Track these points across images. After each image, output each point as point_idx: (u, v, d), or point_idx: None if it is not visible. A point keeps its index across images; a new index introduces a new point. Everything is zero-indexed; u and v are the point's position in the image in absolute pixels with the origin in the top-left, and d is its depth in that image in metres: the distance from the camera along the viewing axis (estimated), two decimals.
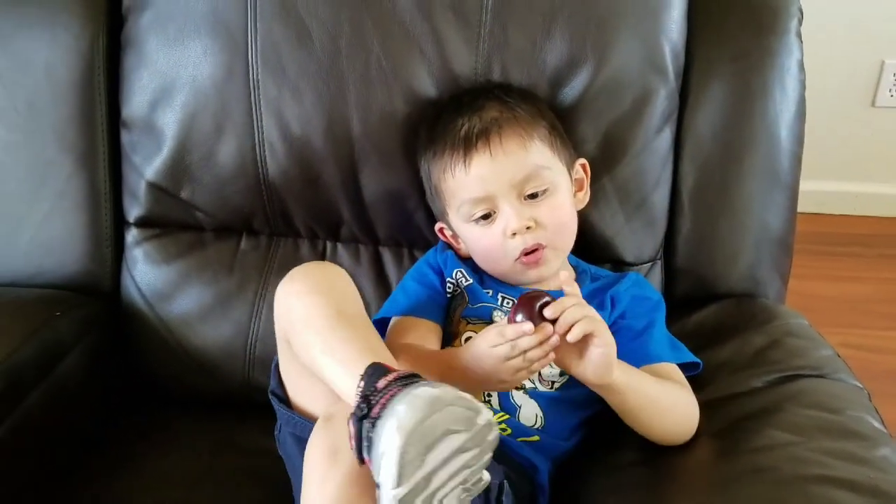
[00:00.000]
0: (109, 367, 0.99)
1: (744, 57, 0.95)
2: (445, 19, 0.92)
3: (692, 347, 0.88)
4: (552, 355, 0.70)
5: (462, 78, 0.93)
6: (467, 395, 0.60)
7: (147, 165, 0.97)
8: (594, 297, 0.87)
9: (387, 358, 0.68)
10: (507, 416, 0.80)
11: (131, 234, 1.00)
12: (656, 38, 0.92)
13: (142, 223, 1.00)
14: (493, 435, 0.60)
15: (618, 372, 0.72)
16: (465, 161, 0.83)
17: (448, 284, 0.90)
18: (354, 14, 0.92)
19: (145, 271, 0.99)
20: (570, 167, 0.88)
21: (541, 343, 0.68)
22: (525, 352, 0.68)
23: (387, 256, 1.03)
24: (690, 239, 0.99)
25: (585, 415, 0.84)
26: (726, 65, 0.96)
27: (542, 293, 0.72)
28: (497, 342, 0.70)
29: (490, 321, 0.85)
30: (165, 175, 0.97)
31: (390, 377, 0.62)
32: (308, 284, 0.74)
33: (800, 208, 1.85)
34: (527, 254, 0.83)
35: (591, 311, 0.71)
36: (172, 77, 0.95)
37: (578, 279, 0.90)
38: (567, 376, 0.82)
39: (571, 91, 0.93)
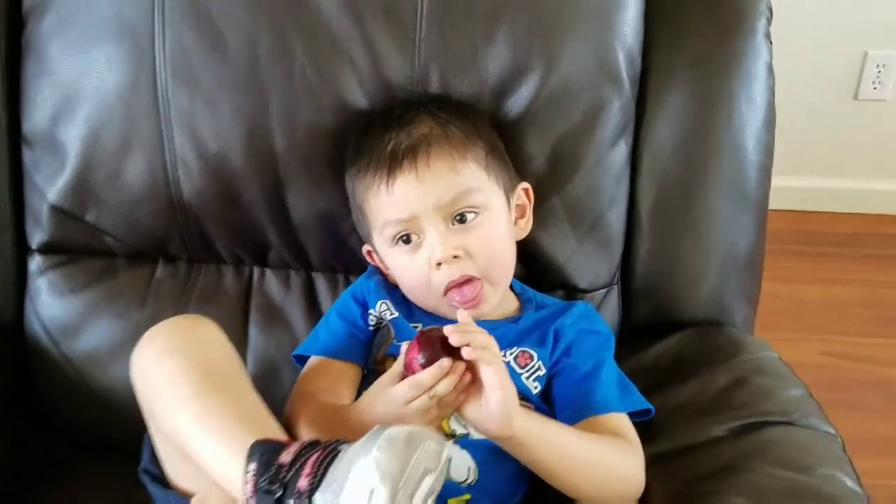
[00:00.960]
0: (15, 412, 0.89)
1: (706, 61, 0.87)
2: (377, 24, 0.83)
3: (648, 385, 0.80)
4: (463, 396, 0.64)
5: (397, 87, 0.84)
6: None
7: (49, 186, 0.88)
8: (536, 330, 0.79)
9: (270, 428, 0.60)
10: None
11: (35, 262, 0.91)
12: (609, 42, 0.83)
13: (46, 249, 0.91)
14: (447, 463, 0.57)
15: (521, 422, 0.64)
16: (388, 180, 0.74)
17: (370, 317, 0.81)
18: (275, 18, 0.82)
19: (50, 303, 0.90)
20: (509, 192, 0.79)
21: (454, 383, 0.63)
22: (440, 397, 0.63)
23: (320, 283, 0.94)
24: (649, 261, 0.91)
25: None
26: (687, 70, 0.87)
27: (437, 328, 0.65)
28: (413, 395, 0.63)
29: None
30: (69, 197, 0.88)
31: (292, 450, 0.54)
32: (166, 345, 0.66)
33: (781, 205, 1.77)
34: (458, 286, 0.75)
35: (493, 342, 0.64)
36: (75, 87, 0.85)
37: (522, 307, 0.82)
38: None
39: (516, 102, 0.84)
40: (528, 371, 0.76)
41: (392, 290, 0.82)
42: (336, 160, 0.85)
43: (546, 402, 0.76)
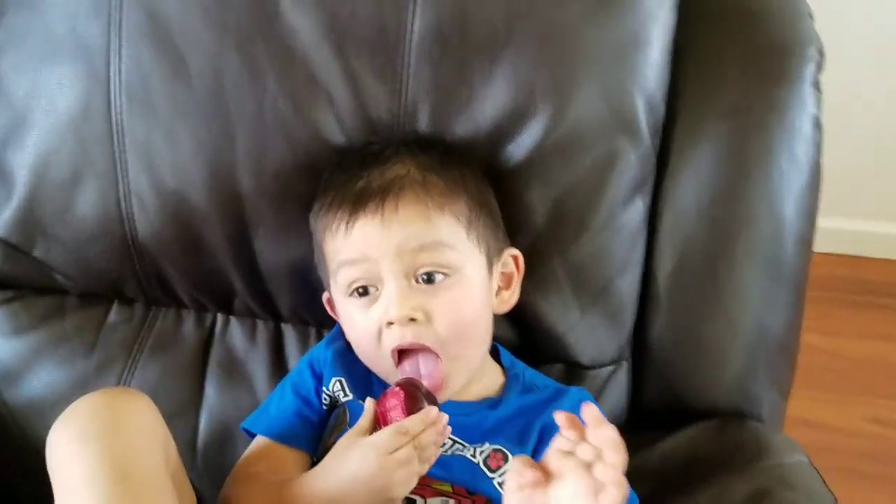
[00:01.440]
0: None
1: (741, 112, 0.74)
2: (359, 54, 0.72)
3: (653, 491, 0.68)
4: (437, 453, 0.60)
5: (380, 125, 0.73)
6: None
7: None
8: (516, 420, 0.67)
9: None
10: None
11: None
12: (626, 85, 0.71)
13: None
14: None
15: None
16: (349, 220, 0.65)
17: (324, 395, 0.71)
18: (243, 43, 0.72)
19: None
20: (493, 257, 0.68)
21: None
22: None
23: (289, 336, 0.84)
24: (665, 337, 0.78)
25: None
26: (718, 122, 0.75)
27: (413, 380, 0.63)
28: (397, 443, 0.57)
29: None
30: (15, 229, 0.79)
31: None
32: (82, 429, 0.56)
33: (832, 249, 1.59)
34: (411, 357, 0.64)
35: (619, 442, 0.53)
36: (24, 110, 0.77)
37: (506, 387, 0.70)
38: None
39: (517, 149, 0.73)
40: (499, 475, 0.64)
41: (352, 364, 0.71)
42: (309, 202, 0.74)
43: None
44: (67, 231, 0.78)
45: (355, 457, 0.59)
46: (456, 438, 0.67)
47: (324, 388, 0.71)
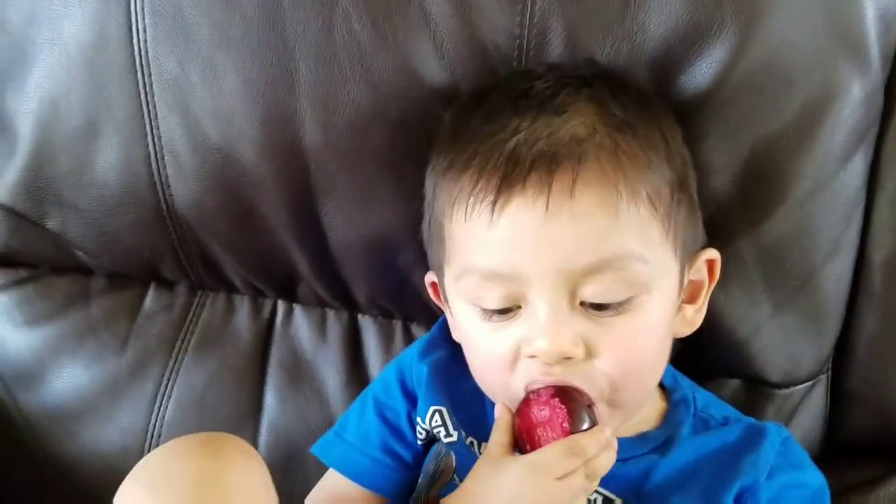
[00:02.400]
0: None
1: None
2: None
3: None
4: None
5: (495, 55, 0.53)
6: None
7: None
8: (697, 474, 0.48)
9: None
10: None
11: None
12: None
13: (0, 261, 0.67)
14: None
15: None
16: (495, 200, 0.44)
17: (418, 429, 0.53)
18: None
19: (3, 337, 0.66)
20: (687, 261, 0.48)
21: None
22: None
23: (368, 330, 0.66)
24: (879, 347, 0.58)
25: None
26: None
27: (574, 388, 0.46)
28: (570, 466, 0.43)
29: None
30: (22, 194, 0.62)
31: None
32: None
33: None
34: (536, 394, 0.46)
35: None
36: (24, 41, 0.59)
37: (672, 417, 0.51)
38: None
39: (690, 83, 0.52)
40: None
41: (456, 383, 0.52)
42: (395, 162, 0.56)
43: None
44: (86, 197, 0.61)
45: (512, 480, 0.44)
46: (604, 492, 0.48)
47: (418, 419, 0.53)
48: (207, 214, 0.60)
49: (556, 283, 0.43)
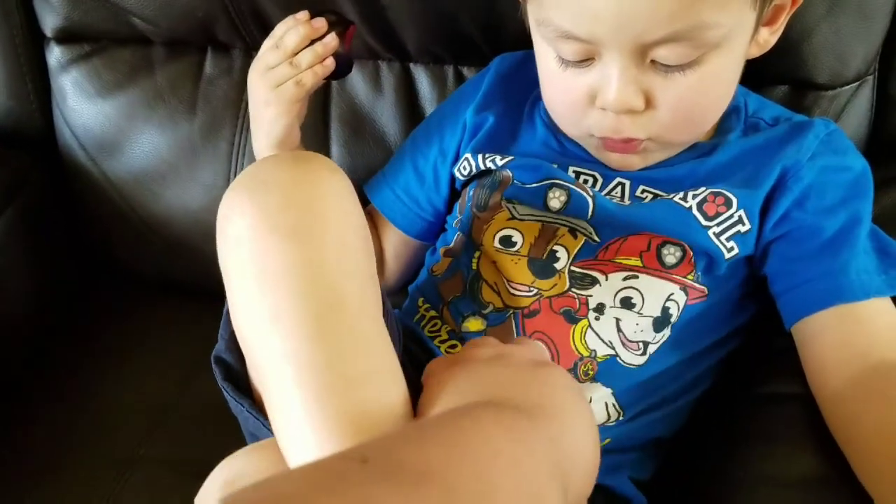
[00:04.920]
0: (54, 239, 0.73)
1: None
2: None
3: None
4: (329, 62, 0.55)
5: None
6: None
7: None
8: (743, 163, 0.51)
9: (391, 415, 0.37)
10: None
11: (54, 55, 0.70)
12: None
13: (63, 37, 0.69)
14: None
15: None
16: None
17: (462, 166, 0.57)
18: None
19: (79, 109, 0.70)
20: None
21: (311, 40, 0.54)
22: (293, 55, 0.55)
23: (421, 77, 0.68)
24: None
25: (710, 360, 0.52)
26: None
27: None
28: (264, 47, 0.56)
29: (553, 216, 0.52)
30: None
31: None
32: (275, 217, 0.39)
33: None
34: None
35: None
36: None
37: (723, 124, 0.53)
38: (669, 330, 0.49)
39: None
40: (718, 223, 0.49)
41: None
42: None
43: (750, 277, 0.51)
44: None
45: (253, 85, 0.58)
46: (657, 191, 0.51)
47: (466, 157, 0.56)
48: None
49: (630, 50, 0.44)
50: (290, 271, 0.38)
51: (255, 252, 0.39)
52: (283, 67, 0.55)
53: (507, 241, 0.52)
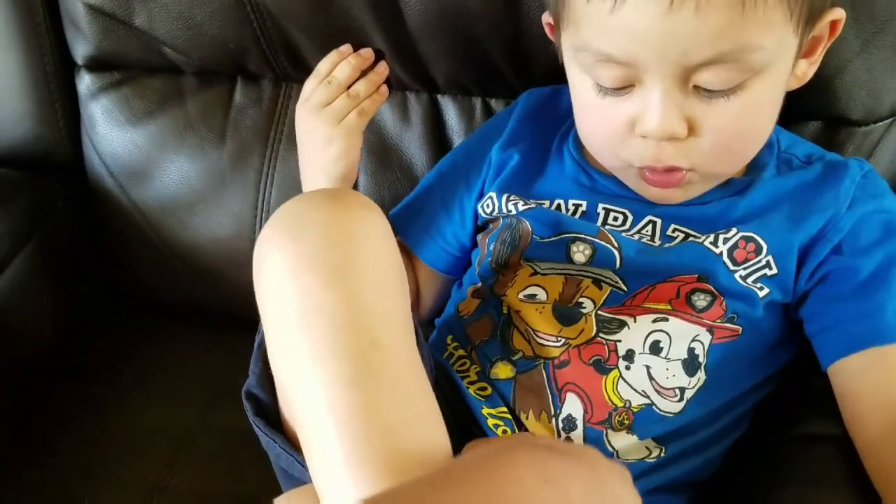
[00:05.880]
0: (79, 265, 0.73)
1: None
2: None
3: None
4: (384, 89, 0.59)
5: None
6: None
7: None
8: (778, 205, 0.50)
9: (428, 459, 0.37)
10: None
11: (84, 82, 0.70)
12: None
13: (94, 65, 0.70)
14: None
15: None
16: None
17: (486, 203, 0.57)
18: None
19: (108, 137, 0.70)
20: (808, 26, 0.45)
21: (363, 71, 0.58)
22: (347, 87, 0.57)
23: (448, 109, 0.68)
24: None
25: (748, 403, 0.51)
26: None
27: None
28: (309, 87, 0.58)
29: (578, 269, 0.51)
30: None
31: None
32: (315, 255, 0.39)
33: None
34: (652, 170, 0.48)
35: None
36: None
37: (756, 160, 0.52)
38: (703, 373, 0.49)
39: None
40: (745, 268, 0.49)
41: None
42: None
43: (786, 321, 0.50)
44: None
45: (298, 129, 0.61)
46: (688, 230, 0.51)
47: (489, 195, 0.56)
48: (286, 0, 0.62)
49: (672, 73, 0.43)
50: (328, 312, 0.38)
51: (294, 291, 0.39)
52: (341, 101, 0.56)
53: (531, 298, 0.52)
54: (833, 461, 0.47)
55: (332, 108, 0.56)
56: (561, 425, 0.48)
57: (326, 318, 0.38)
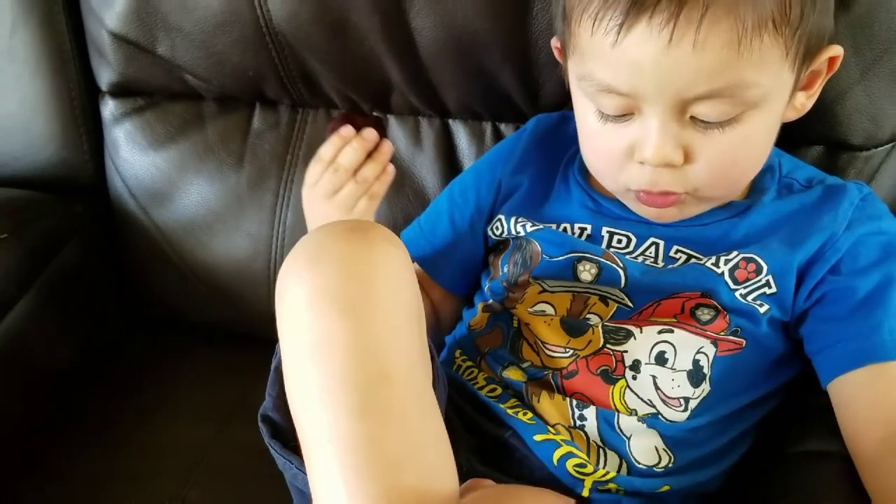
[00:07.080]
0: (101, 285, 0.76)
1: None
2: None
3: None
4: (391, 169, 0.61)
5: None
6: None
7: (106, 8, 0.67)
8: (778, 227, 0.52)
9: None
10: (611, 474, 0.48)
11: (108, 108, 0.73)
12: None
13: (118, 91, 0.72)
14: None
15: None
16: (622, 22, 0.44)
17: (496, 225, 0.58)
18: None
19: (130, 160, 0.73)
20: (805, 61, 0.47)
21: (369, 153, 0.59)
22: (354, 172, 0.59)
23: (459, 133, 0.70)
24: None
25: (752, 419, 0.52)
26: None
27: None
28: (316, 172, 0.59)
29: (584, 286, 0.53)
30: (132, 21, 0.67)
31: None
32: (333, 289, 0.40)
33: None
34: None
35: None
36: None
37: (757, 184, 0.54)
38: (708, 384, 0.50)
39: None
40: (745, 286, 0.50)
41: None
42: None
43: (788, 338, 0.52)
44: (190, 19, 0.65)
45: (305, 208, 0.63)
46: (690, 252, 0.52)
47: (499, 217, 0.58)
48: (303, 27, 0.64)
49: (670, 105, 0.45)
50: (340, 343, 0.39)
51: (310, 323, 0.40)
52: (351, 188, 0.57)
53: (540, 313, 0.53)
54: (834, 478, 0.48)
55: (343, 197, 0.57)
56: (574, 402, 0.50)
57: (338, 348, 0.39)
